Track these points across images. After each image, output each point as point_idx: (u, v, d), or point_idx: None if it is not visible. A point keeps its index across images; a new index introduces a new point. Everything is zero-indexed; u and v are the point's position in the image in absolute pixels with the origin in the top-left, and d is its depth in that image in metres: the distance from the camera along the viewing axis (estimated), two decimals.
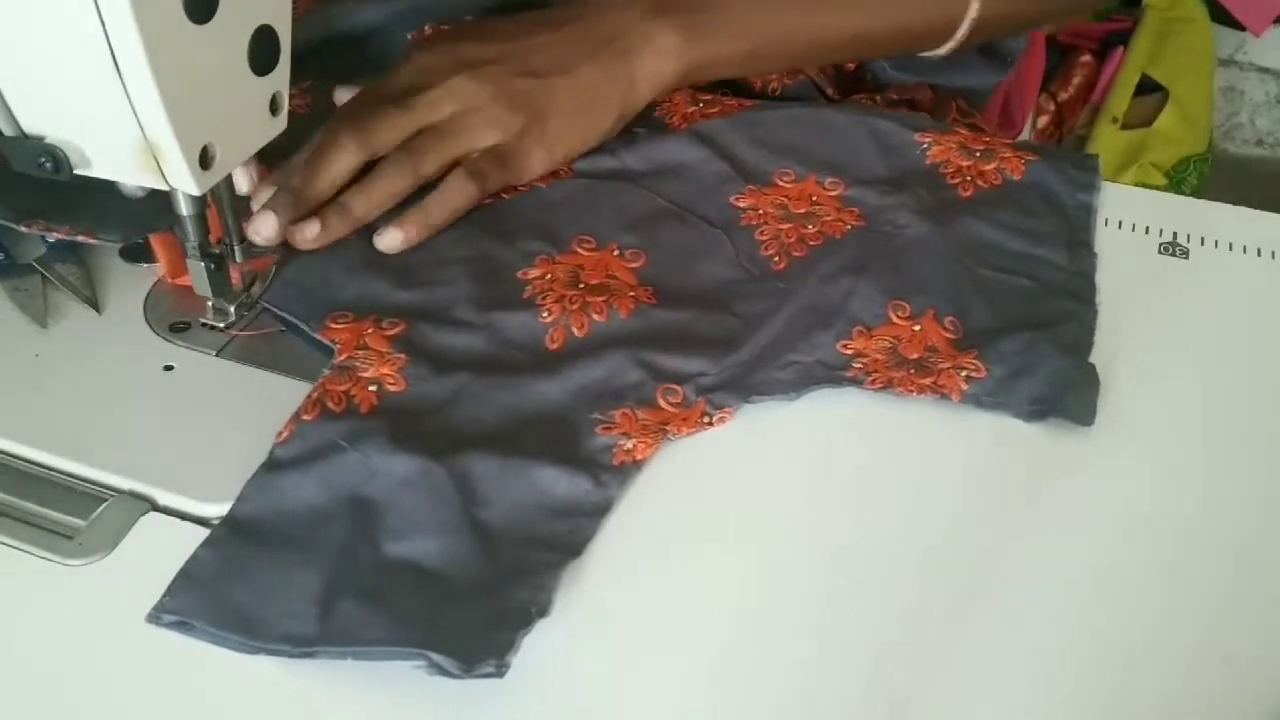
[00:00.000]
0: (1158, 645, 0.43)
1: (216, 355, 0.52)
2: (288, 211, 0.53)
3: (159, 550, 0.43)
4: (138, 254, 0.56)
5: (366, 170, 0.56)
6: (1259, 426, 0.52)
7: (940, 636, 0.43)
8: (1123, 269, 0.58)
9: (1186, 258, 0.60)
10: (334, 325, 0.51)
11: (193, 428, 0.49)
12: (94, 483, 0.46)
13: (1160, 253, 0.60)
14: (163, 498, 0.46)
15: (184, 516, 0.45)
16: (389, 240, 0.54)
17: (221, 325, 0.52)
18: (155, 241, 0.54)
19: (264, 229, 0.52)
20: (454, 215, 0.56)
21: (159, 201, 0.52)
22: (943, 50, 0.68)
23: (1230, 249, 0.60)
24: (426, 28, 0.68)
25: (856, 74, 0.75)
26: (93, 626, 0.41)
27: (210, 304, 0.52)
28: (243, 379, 0.51)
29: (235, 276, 0.52)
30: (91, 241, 0.52)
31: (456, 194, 0.56)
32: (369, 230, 0.55)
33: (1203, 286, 0.58)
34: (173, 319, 0.53)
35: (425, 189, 0.56)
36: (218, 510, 0.45)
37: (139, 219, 0.53)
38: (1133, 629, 0.44)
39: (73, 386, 0.50)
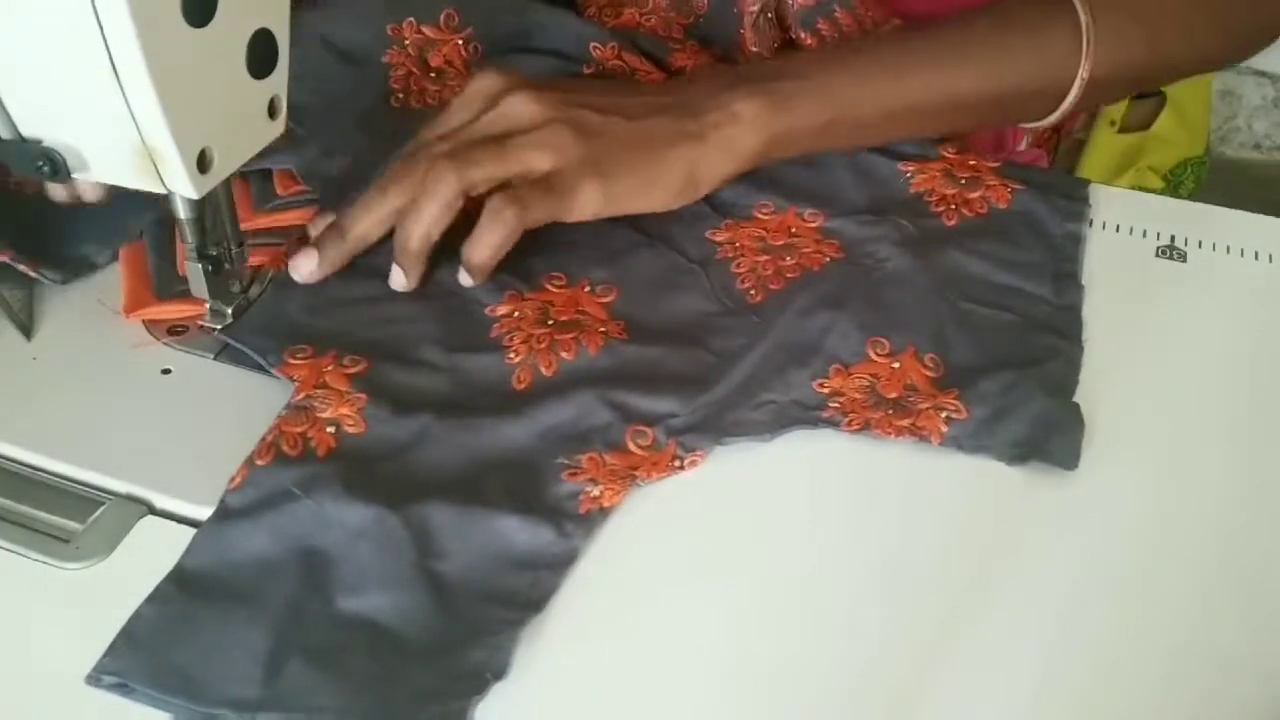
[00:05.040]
0: (1156, 648, 0.43)
1: (214, 359, 0.52)
2: (330, 257, 0.54)
3: (156, 554, 0.43)
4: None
5: None
6: (1258, 430, 0.51)
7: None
8: (1121, 272, 0.58)
9: (1184, 261, 0.60)
10: (292, 361, 0.50)
11: (190, 431, 0.49)
12: (91, 486, 0.46)
13: (1158, 256, 0.60)
14: (160, 501, 0.46)
15: (181, 520, 0.45)
16: (463, 278, 0.53)
17: (219, 328, 0.52)
18: (123, 268, 0.55)
19: (302, 267, 0.53)
20: (498, 252, 0.52)
21: (107, 236, 0.54)
22: (1050, 119, 0.62)
23: (1228, 252, 0.60)
24: (407, 22, 0.65)
25: None
26: (90, 630, 0.41)
27: (208, 306, 0.52)
28: (240, 382, 0.51)
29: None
30: (31, 274, 0.52)
31: (497, 226, 0.52)
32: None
33: (1201, 290, 0.58)
34: (170, 322, 0.53)
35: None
36: None
37: (84, 262, 0.55)
38: (1131, 631, 0.44)
39: (70, 389, 0.50)
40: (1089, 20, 0.59)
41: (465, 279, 0.54)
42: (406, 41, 0.65)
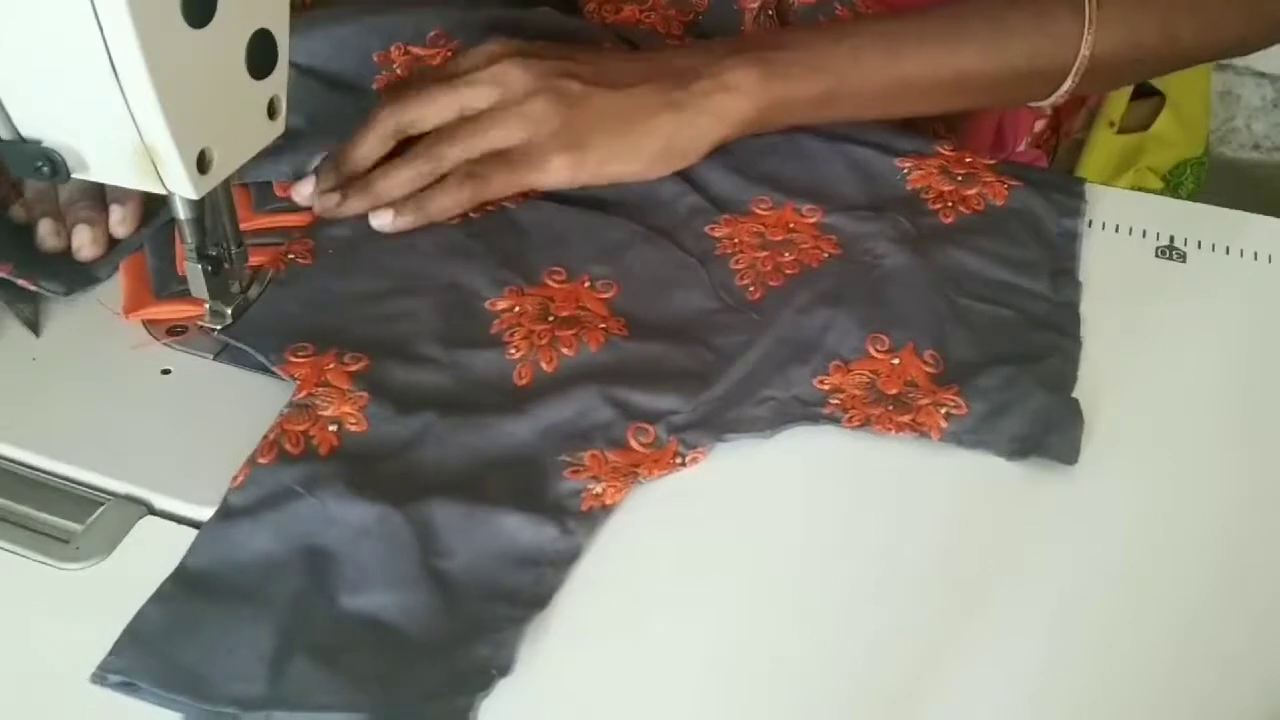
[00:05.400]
0: (1156, 647, 0.43)
1: (214, 359, 0.52)
2: (326, 180, 0.56)
3: (156, 554, 0.43)
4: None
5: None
6: (1257, 429, 0.52)
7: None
8: (1120, 273, 0.59)
9: (1184, 261, 0.60)
10: (294, 359, 0.50)
11: (190, 431, 0.49)
12: (91, 486, 0.46)
13: (1157, 256, 0.60)
14: (159, 501, 0.46)
15: (181, 520, 0.45)
16: (380, 219, 0.56)
17: (218, 328, 0.52)
18: (123, 269, 0.55)
19: (303, 189, 0.57)
20: (444, 214, 0.56)
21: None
22: (1052, 100, 0.62)
23: (1228, 252, 0.60)
24: (394, 47, 0.64)
25: None
26: (90, 631, 0.41)
27: (208, 307, 0.51)
28: (240, 382, 0.51)
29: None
30: (31, 288, 0.52)
31: (449, 194, 0.56)
32: (333, 260, 0.55)
33: (1200, 290, 0.58)
34: (170, 322, 0.53)
35: None
36: None
37: (85, 274, 0.54)
38: (1131, 630, 0.44)
39: (70, 390, 0.50)
40: None
41: (384, 217, 0.56)
42: (395, 65, 0.65)
